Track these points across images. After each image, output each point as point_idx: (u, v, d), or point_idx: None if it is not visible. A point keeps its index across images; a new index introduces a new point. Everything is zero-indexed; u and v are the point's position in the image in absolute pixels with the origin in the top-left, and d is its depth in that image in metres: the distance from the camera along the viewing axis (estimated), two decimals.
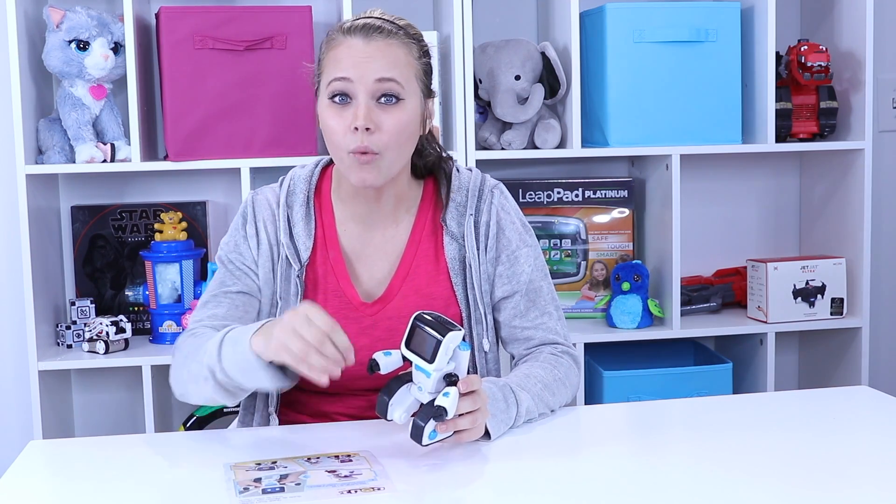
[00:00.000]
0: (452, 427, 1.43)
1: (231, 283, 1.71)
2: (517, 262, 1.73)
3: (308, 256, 1.69)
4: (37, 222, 2.46)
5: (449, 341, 1.40)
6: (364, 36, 1.60)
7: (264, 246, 1.70)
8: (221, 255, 1.73)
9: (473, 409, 1.45)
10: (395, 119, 1.59)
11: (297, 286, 1.68)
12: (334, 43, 1.62)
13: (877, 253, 2.87)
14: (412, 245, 1.72)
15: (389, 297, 1.69)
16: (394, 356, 1.47)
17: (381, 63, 1.59)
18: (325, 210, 1.73)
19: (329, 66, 1.61)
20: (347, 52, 1.59)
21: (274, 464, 1.43)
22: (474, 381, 1.44)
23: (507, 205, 1.75)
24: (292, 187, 1.72)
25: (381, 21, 1.63)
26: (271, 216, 1.71)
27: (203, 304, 1.71)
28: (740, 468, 1.39)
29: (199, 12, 2.42)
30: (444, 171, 1.75)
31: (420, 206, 1.74)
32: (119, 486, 1.40)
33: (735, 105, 2.61)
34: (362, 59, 1.58)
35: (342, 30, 1.63)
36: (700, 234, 2.90)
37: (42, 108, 2.54)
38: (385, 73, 1.59)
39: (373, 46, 1.59)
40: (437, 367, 1.41)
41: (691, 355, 2.81)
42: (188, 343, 1.63)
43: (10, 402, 2.72)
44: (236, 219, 1.74)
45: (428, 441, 1.42)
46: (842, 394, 1.97)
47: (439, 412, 1.40)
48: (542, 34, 2.77)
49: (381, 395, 1.45)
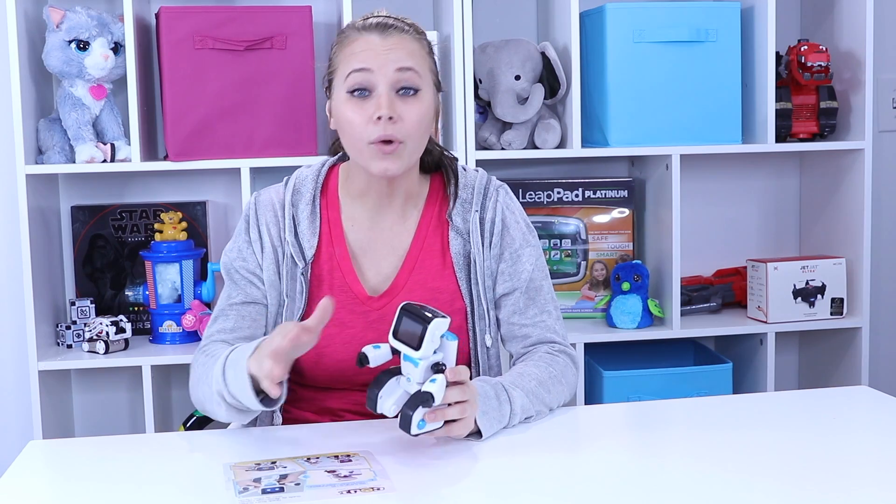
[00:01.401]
0: (441, 417, 1.44)
1: (236, 295, 1.73)
2: (519, 260, 1.74)
3: (313, 254, 1.70)
4: (37, 222, 2.46)
5: (434, 328, 1.41)
6: (380, 31, 1.64)
7: (268, 248, 1.71)
8: (226, 263, 1.75)
9: (462, 399, 1.46)
10: (416, 109, 1.63)
11: (303, 284, 1.69)
12: (349, 40, 1.65)
13: (877, 253, 2.87)
14: (418, 240, 1.73)
15: (395, 291, 1.71)
16: (383, 349, 1.48)
17: (400, 54, 1.62)
18: (332, 207, 1.75)
19: (346, 61, 1.64)
20: (366, 45, 1.63)
21: (273, 464, 1.43)
22: (462, 371, 1.46)
23: (511, 204, 1.78)
24: (298, 186, 1.74)
25: (393, 19, 1.67)
26: (274, 217, 1.72)
27: (214, 320, 1.75)
28: (740, 468, 1.39)
29: (199, 12, 2.42)
30: (450, 167, 1.77)
31: (426, 202, 1.76)
32: (119, 486, 1.40)
33: (735, 105, 2.61)
34: (382, 51, 1.62)
35: (356, 27, 1.66)
36: (700, 234, 2.90)
37: (42, 108, 2.54)
38: (405, 62, 1.62)
39: (390, 41, 1.63)
40: (423, 355, 1.42)
41: (691, 355, 2.81)
42: (200, 363, 1.68)
43: (10, 402, 2.72)
44: (239, 224, 1.76)
45: (417, 430, 1.42)
46: (842, 394, 1.97)
47: (426, 398, 1.40)
48: (542, 34, 2.77)
49: (371, 388, 1.46)
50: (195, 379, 1.67)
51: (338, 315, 1.69)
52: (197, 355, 1.71)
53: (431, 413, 1.43)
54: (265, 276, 1.71)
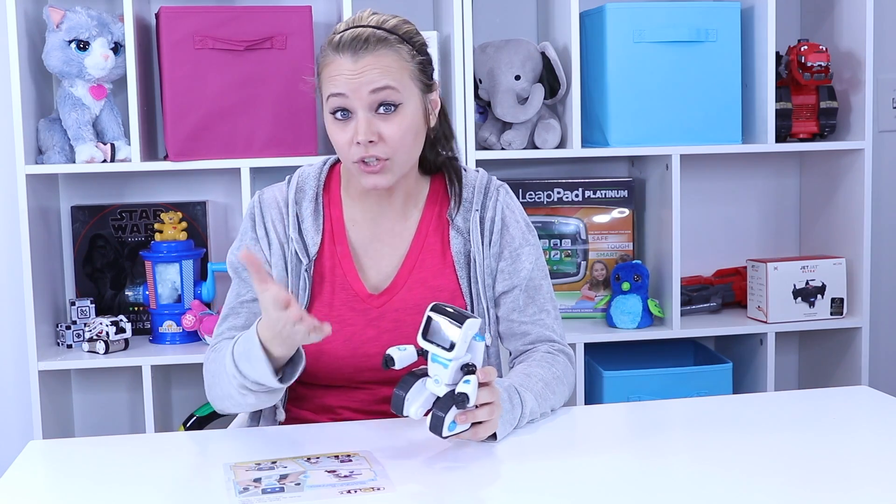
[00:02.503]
0: (472, 418, 1.44)
1: (245, 292, 1.74)
2: (519, 259, 1.75)
3: (316, 251, 1.71)
4: (37, 222, 2.46)
5: (468, 329, 1.40)
6: (352, 52, 1.61)
7: (275, 244, 1.72)
8: (233, 261, 1.75)
9: (490, 400, 1.46)
10: (396, 126, 1.62)
11: (306, 280, 1.70)
12: (327, 60, 1.64)
13: (877, 253, 2.87)
14: (419, 239, 1.74)
15: (396, 289, 1.71)
16: (408, 351, 1.46)
17: (373, 75, 1.60)
18: (334, 206, 1.75)
19: (325, 82, 1.65)
20: (338, 69, 1.62)
21: (274, 464, 1.43)
22: (491, 371, 1.46)
23: (511, 203, 1.78)
24: (301, 184, 1.75)
25: (370, 30, 1.62)
26: (279, 214, 1.73)
27: (223, 318, 1.75)
28: (740, 468, 1.39)
29: (199, 12, 2.42)
30: (452, 168, 1.78)
31: (427, 202, 1.77)
32: (119, 486, 1.40)
33: (735, 105, 2.61)
34: (353, 76, 1.60)
35: (332, 44, 1.63)
36: (700, 234, 2.90)
37: (42, 108, 2.54)
38: (378, 83, 1.60)
39: (361, 63, 1.60)
40: (455, 356, 1.41)
41: (691, 355, 2.81)
42: (212, 360, 1.69)
43: (10, 402, 2.72)
44: (245, 222, 1.76)
45: (448, 433, 1.41)
46: (842, 394, 1.97)
47: (462, 398, 1.39)
48: (542, 34, 2.77)
49: (397, 391, 1.44)
50: (210, 378, 1.68)
51: (338, 312, 1.70)
52: (208, 354, 1.72)
53: (462, 415, 1.42)
54: (274, 271, 1.72)
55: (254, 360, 1.53)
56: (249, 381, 1.55)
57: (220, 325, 1.75)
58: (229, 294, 1.76)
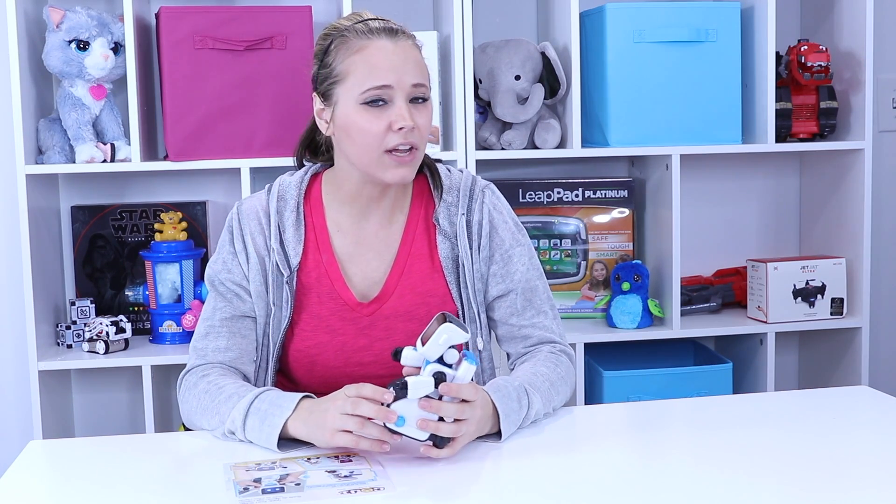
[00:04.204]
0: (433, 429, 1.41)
1: (223, 307, 1.70)
2: (511, 262, 1.73)
3: (298, 262, 1.69)
4: (37, 222, 2.46)
5: (445, 331, 1.40)
6: (390, 37, 1.61)
7: (253, 259, 1.69)
8: (211, 276, 1.72)
9: (463, 417, 1.43)
10: (426, 117, 1.64)
11: (288, 293, 1.68)
12: (356, 45, 1.61)
13: (877, 253, 2.87)
14: (406, 244, 1.72)
15: (385, 297, 1.70)
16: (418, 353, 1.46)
17: (413, 67, 1.61)
18: (316, 214, 1.73)
19: (359, 71, 1.60)
20: (380, 54, 1.59)
21: (274, 464, 1.43)
22: (465, 390, 1.43)
23: (498, 204, 1.76)
24: (282, 193, 1.72)
25: (390, 23, 1.64)
26: (259, 226, 1.70)
27: (203, 335, 1.70)
28: (740, 468, 1.39)
29: (199, 12, 2.42)
30: (434, 168, 1.75)
31: (412, 205, 1.74)
32: (119, 486, 1.40)
33: (735, 105, 2.61)
34: (398, 62, 1.59)
35: (359, 32, 1.61)
36: (700, 234, 2.90)
37: (42, 108, 2.54)
38: (419, 78, 1.62)
39: (400, 48, 1.61)
40: (424, 353, 1.42)
41: (691, 355, 2.81)
42: (201, 387, 1.63)
43: (10, 402, 2.72)
44: (223, 235, 1.73)
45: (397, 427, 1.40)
46: (842, 394, 1.97)
47: (401, 384, 1.39)
48: (542, 34, 2.77)
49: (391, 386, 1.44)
50: (193, 402, 1.63)
51: (328, 322, 1.68)
52: (194, 378, 1.66)
53: (424, 422, 1.41)
54: (252, 287, 1.69)
55: (267, 427, 1.49)
56: (244, 435, 1.53)
57: (201, 342, 1.70)
58: (206, 307, 1.72)
